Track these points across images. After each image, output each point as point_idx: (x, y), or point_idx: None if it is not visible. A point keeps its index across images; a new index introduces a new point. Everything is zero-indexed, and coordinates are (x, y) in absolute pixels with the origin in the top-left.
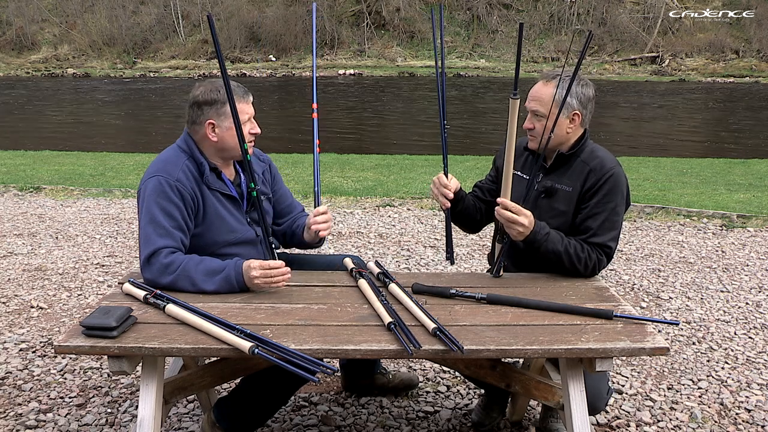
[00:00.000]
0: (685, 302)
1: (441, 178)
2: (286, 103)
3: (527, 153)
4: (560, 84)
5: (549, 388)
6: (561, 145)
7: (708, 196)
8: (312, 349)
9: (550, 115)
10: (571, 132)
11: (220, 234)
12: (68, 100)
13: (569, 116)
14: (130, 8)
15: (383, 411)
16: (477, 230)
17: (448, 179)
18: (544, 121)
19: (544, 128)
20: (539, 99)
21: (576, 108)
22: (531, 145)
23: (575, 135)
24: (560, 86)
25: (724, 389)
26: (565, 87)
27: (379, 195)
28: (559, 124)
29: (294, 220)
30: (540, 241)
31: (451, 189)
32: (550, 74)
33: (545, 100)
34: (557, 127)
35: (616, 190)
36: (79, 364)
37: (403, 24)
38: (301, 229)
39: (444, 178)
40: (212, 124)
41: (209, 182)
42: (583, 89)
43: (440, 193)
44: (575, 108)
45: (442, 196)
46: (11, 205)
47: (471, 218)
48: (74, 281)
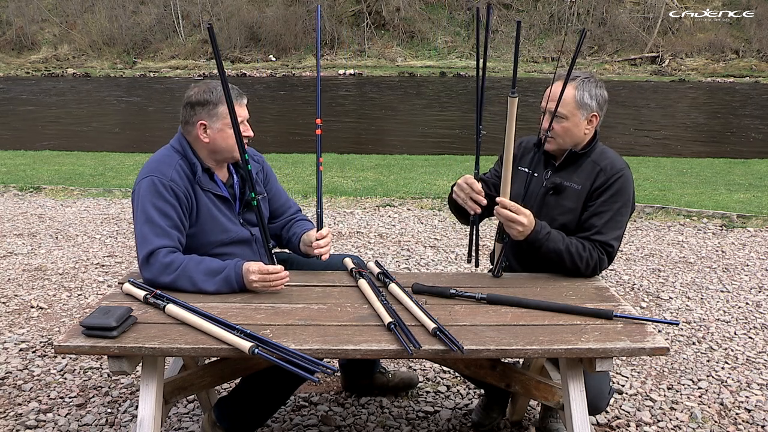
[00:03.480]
0: (685, 302)
1: (474, 185)
2: (286, 103)
3: (536, 150)
4: (581, 86)
5: (549, 388)
6: (576, 145)
7: (708, 196)
8: (312, 349)
9: (570, 116)
10: (588, 133)
11: (213, 234)
12: (68, 100)
13: (587, 117)
14: (130, 8)
15: (383, 411)
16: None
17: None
18: (564, 122)
19: (549, 128)
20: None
21: (594, 110)
22: (548, 147)
23: (589, 136)
24: (582, 88)
25: (724, 389)
26: (586, 89)
27: (379, 195)
28: (577, 125)
29: (289, 223)
30: (541, 240)
31: (483, 194)
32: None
33: (566, 101)
34: (575, 127)
35: (624, 191)
36: (79, 364)
37: (403, 24)
38: (298, 239)
39: (476, 183)
40: (204, 125)
41: (201, 182)
42: (600, 91)
43: (470, 197)
44: (594, 110)
45: (472, 200)
46: (11, 205)
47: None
48: (74, 281)
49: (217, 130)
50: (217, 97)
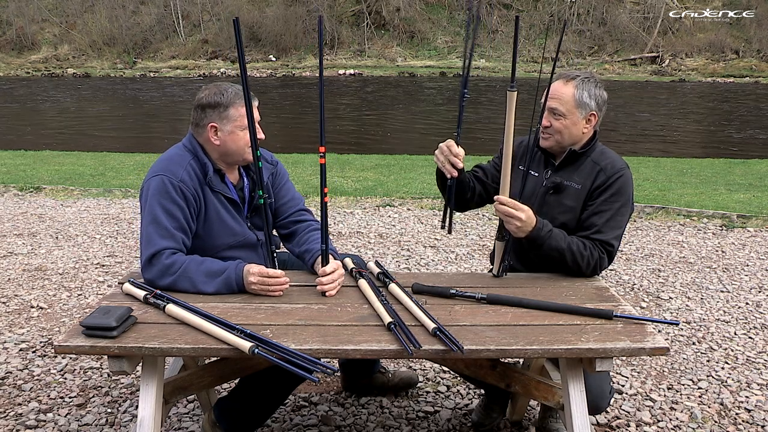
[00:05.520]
0: (685, 302)
1: (452, 146)
2: (287, 103)
3: (536, 149)
4: (581, 85)
5: (549, 388)
6: (574, 144)
7: (708, 196)
8: (312, 349)
9: (569, 114)
10: (586, 132)
11: (220, 236)
12: (68, 100)
13: (586, 117)
14: (130, 8)
15: (383, 411)
16: (463, 209)
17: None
18: (561, 119)
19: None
20: (559, 98)
21: (593, 109)
22: (543, 143)
23: (588, 135)
24: (581, 87)
25: (724, 389)
26: (586, 88)
27: (379, 195)
28: (575, 123)
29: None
30: (543, 237)
31: (460, 158)
32: (569, 74)
33: (564, 98)
34: (573, 126)
35: (624, 191)
36: (79, 364)
37: (403, 24)
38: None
39: (455, 146)
40: (215, 127)
41: (212, 184)
42: (600, 91)
43: (448, 161)
44: (593, 109)
45: (450, 164)
46: (11, 205)
47: (461, 194)
48: (74, 281)
49: (227, 132)
50: (228, 99)
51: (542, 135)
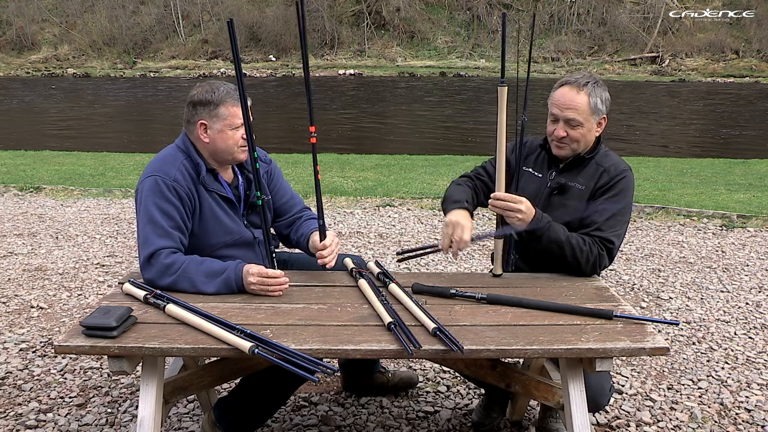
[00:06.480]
0: (685, 302)
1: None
2: (287, 103)
3: (540, 151)
4: (593, 92)
5: (549, 388)
6: (585, 149)
7: (708, 196)
8: (312, 349)
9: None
10: (597, 135)
11: (216, 235)
12: (68, 100)
13: (598, 121)
14: (130, 8)
15: (383, 411)
16: None
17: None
18: (578, 128)
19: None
20: (575, 108)
21: (604, 113)
22: (559, 153)
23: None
24: (594, 94)
25: (724, 389)
26: (598, 94)
27: (379, 195)
28: (590, 130)
29: (296, 222)
30: (543, 228)
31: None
32: (579, 81)
33: (581, 108)
34: (589, 133)
35: (626, 192)
36: (79, 364)
37: (403, 24)
38: (306, 240)
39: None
40: (204, 124)
41: (206, 183)
42: (607, 94)
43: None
44: (603, 113)
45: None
46: (11, 205)
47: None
48: (74, 281)
49: (217, 131)
50: (218, 97)
51: (557, 144)
